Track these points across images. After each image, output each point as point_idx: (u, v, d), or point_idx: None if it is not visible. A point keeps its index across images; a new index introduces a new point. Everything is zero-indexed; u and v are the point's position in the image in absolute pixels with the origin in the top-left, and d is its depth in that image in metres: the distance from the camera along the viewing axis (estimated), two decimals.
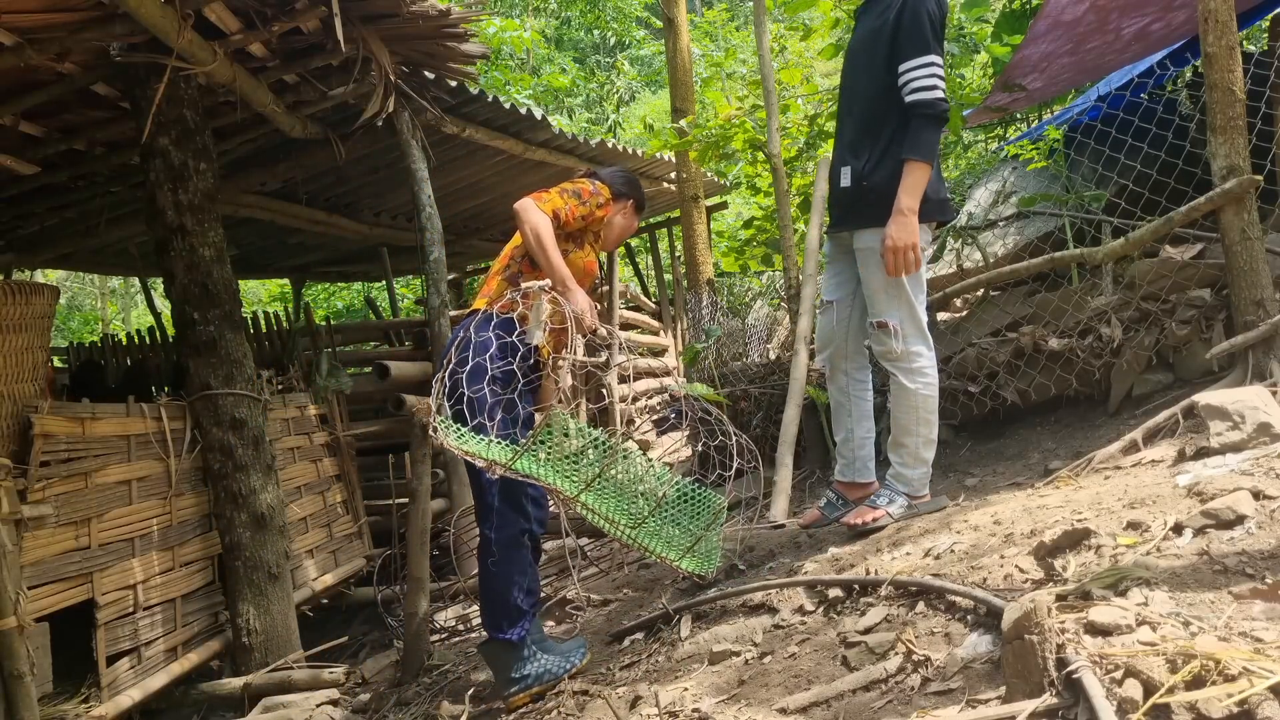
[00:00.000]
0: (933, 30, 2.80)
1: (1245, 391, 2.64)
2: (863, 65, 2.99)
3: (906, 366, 2.88)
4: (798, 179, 6.55)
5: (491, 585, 2.71)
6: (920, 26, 2.79)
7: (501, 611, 2.68)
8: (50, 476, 2.95)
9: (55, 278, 13.28)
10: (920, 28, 2.79)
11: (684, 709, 2.06)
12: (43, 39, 3.23)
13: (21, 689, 2.57)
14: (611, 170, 3.17)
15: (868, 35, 2.97)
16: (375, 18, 3.76)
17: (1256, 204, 3.25)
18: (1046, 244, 5.27)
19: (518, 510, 2.73)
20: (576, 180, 3.01)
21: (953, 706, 1.63)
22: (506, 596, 2.68)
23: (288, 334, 5.50)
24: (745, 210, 12.30)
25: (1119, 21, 4.49)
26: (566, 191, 2.90)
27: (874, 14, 2.97)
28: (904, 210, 2.76)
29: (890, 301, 2.87)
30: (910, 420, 2.91)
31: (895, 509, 2.91)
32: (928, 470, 3.00)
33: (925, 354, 2.90)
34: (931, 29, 2.80)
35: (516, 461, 2.41)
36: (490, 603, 2.72)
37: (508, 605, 2.68)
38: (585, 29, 20.62)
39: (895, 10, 2.85)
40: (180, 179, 3.58)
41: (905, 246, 2.75)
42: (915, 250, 2.76)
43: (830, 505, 3.19)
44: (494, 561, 2.68)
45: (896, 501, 2.94)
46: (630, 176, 3.21)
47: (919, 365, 2.88)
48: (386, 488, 5.07)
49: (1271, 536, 1.80)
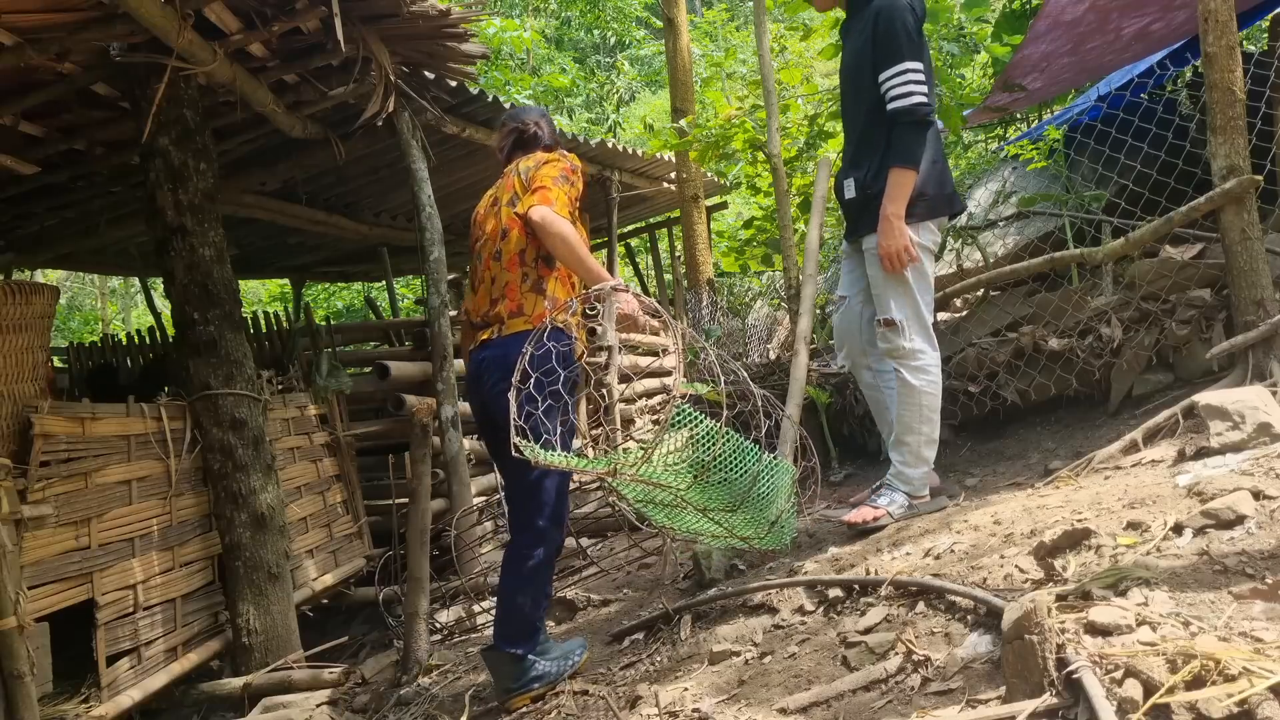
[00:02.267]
0: (907, 37, 2.85)
1: (1245, 391, 2.64)
2: (852, 86, 3.09)
3: (911, 364, 2.93)
4: (798, 179, 6.54)
5: (516, 600, 2.66)
6: (894, 36, 2.86)
7: (519, 628, 2.64)
8: (50, 476, 2.95)
9: (55, 278, 13.28)
10: (894, 38, 2.86)
11: (684, 709, 2.06)
12: (43, 39, 3.23)
13: (21, 689, 2.57)
14: (551, 128, 3.06)
15: (852, 57, 3.07)
16: (375, 18, 3.76)
17: (1256, 204, 3.25)
18: (1046, 244, 5.27)
19: (560, 528, 2.72)
20: (550, 163, 2.84)
21: (953, 706, 1.63)
22: (530, 614, 2.65)
23: (288, 334, 5.50)
24: (745, 210, 12.30)
25: (1119, 21, 4.49)
26: (559, 182, 2.77)
27: (855, 34, 3.06)
28: (888, 216, 2.87)
29: (896, 300, 2.94)
30: (913, 418, 2.95)
31: (896, 509, 2.93)
32: (929, 470, 3.03)
33: (929, 353, 2.95)
34: (906, 36, 2.85)
35: (635, 468, 2.34)
36: (511, 616, 2.66)
37: (527, 623, 2.65)
38: (585, 29, 20.61)
39: (871, 25, 2.92)
40: (180, 179, 3.58)
41: (894, 250, 2.87)
42: (906, 250, 2.86)
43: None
44: (530, 580, 2.66)
45: (897, 501, 2.95)
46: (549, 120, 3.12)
47: (923, 363, 2.93)
48: (386, 488, 5.07)
49: (1271, 536, 1.80)
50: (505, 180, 2.91)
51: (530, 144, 2.99)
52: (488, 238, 2.88)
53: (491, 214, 2.91)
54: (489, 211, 2.93)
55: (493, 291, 2.82)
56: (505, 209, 2.84)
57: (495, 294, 2.82)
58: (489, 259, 2.85)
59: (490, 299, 2.83)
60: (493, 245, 2.85)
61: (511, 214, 2.81)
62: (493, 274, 2.83)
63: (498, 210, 2.88)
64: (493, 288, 2.83)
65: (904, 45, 2.84)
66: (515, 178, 2.86)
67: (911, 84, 2.82)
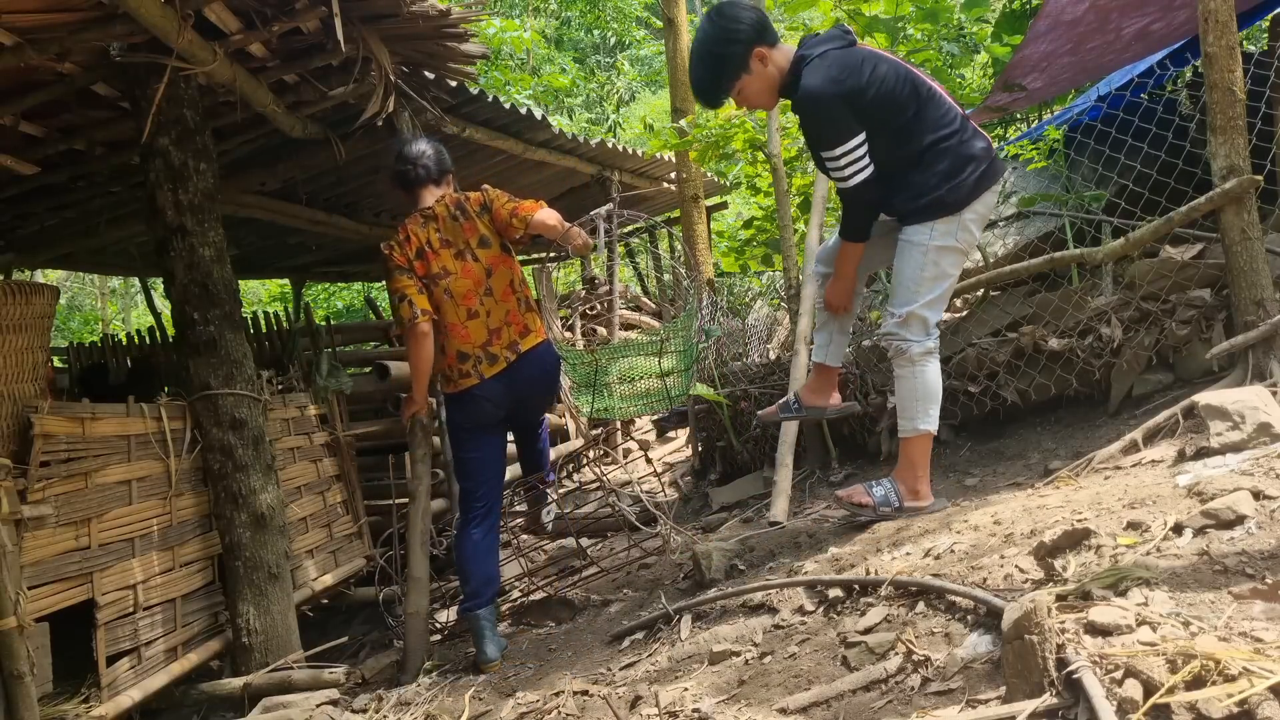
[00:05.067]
0: (829, 122, 2.78)
1: (1245, 391, 2.64)
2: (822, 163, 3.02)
3: (912, 356, 2.93)
4: (798, 179, 6.53)
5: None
6: (816, 127, 2.85)
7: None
8: (50, 476, 2.95)
9: (55, 278, 13.28)
10: (816, 129, 2.85)
11: (684, 709, 2.06)
12: (43, 39, 3.23)
13: (21, 689, 2.57)
14: (438, 156, 3.56)
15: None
16: (375, 18, 3.76)
17: (1256, 204, 3.25)
18: (1046, 244, 5.27)
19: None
20: (496, 196, 3.42)
21: (953, 706, 1.63)
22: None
23: (288, 334, 5.49)
24: (745, 210, 12.29)
25: (1119, 21, 4.48)
26: (514, 197, 3.43)
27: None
28: (839, 275, 3.06)
29: (912, 294, 2.91)
30: (913, 407, 2.96)
31: (883, 506, 2.94)
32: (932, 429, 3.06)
33: (930, 345, 2.95)
34: (828, 122, 2.79)
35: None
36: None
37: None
38: (585, 29, 20.60)
39: (800, 115, 2.93)
40: (180, 179, 3.58)
41: (830, 297, 3.11)
42: (842, 303, 3.12)
43: (786, 407, 3.44)
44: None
45: (889, 499, 2.95)
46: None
47: (922, 352, 2.93)
48: (386, 488, 5.06)
49: (1271, 536, 1.80)
50: (446, 226, 3.37)
51: (423, 181, 3.45)
52: (472, 282, 3.35)
53: (462, 260, 3.36)
54: (453, 255, 3.36)
55: (489, 323, 3.35)
56: (480, 251, 3.36)
57: (493, 325, 3.36)
58: (476, 298, 3.35)
59: (488, 330, 3.35)
60: (480, 286, 3.35)
61: (492, 254, 3.36)
62: (486, 309, 3.35)
63: (467, 254, 3.36)
64: (489, 319, 3.35)
65: (826, 133, 2.80)
66: (469, 223, 3.36)
67: (846, 165, 2.79)
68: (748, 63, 2.81)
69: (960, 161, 2.84)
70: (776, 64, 2.85)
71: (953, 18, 6.50)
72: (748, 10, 2.83)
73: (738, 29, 2.79)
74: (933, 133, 2.83)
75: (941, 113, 2.85)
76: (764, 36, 2.81)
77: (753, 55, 2.80)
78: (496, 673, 3.09)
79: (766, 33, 2.82)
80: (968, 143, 2.86)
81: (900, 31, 5.59)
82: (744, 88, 2.88)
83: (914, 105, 2.82)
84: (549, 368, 3.48)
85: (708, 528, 4.26)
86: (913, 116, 2.82)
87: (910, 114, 2.82)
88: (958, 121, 2.88)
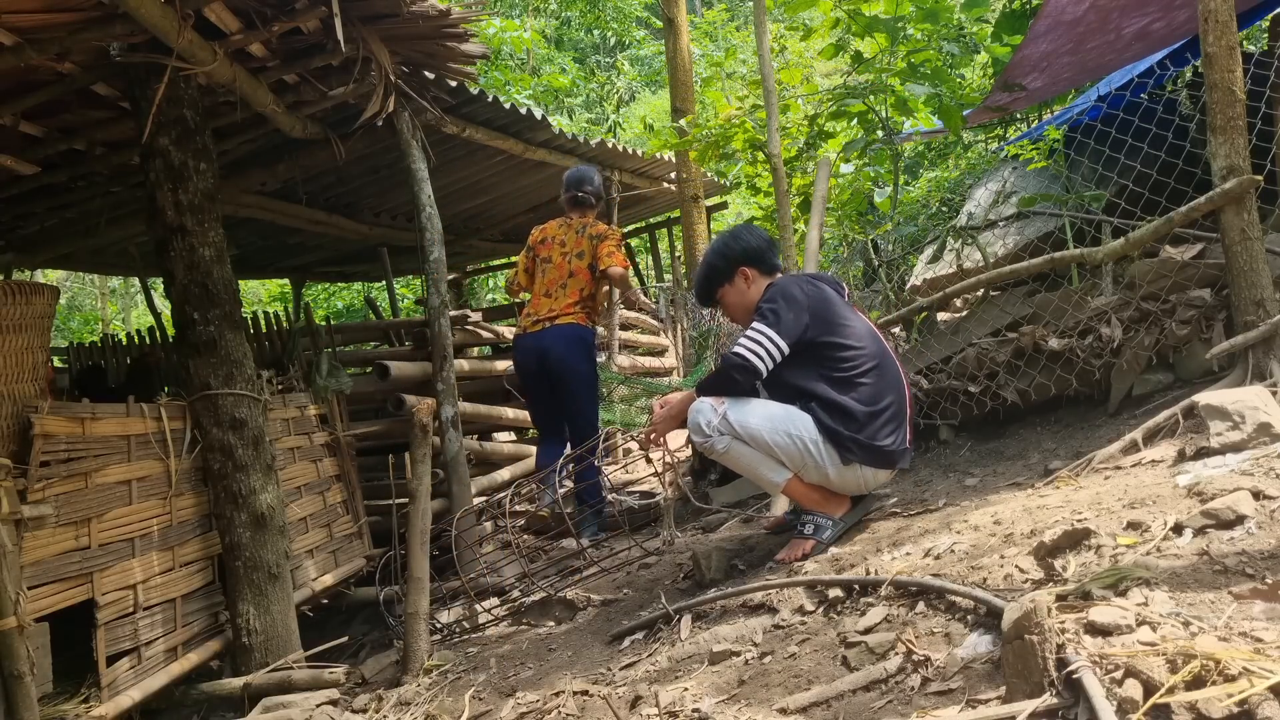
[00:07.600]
0: (785, 301, 2.96)
1: (1245, 391, 2.64)
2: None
3: (721, 451, 2.96)
4: (798, 179, 6.54)
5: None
6: (770, 299, 3.01)
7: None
8: (50, 476, 2.95)
9: (55, 278, 13.29)
10: (769, 299, 3.01)
11: (684, 709, 2.06)
12: (43, 39, 3.23)
13: (21, 689, 2.57)
14: (596, 189, 4.98)
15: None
16: (375, 18, 3.76)
17: (1256, 204, 3.24)
18: (1046, 244, 5.27)
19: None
20: (610, 238, 4.74)
21: (953, 706, 1.63)
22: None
23: (288, 334, 5.49)
24: (745, 210, 12.30)
25: (1120, 21, 4.49)
26: (620, 246, 4.81)
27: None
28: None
29: (745, 419, 2.94)
30: (761, 475, 2.98)
31: (825, 535, 2.92)
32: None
33: (725, 432, 2.94)
34: (785, 300, 2.96)
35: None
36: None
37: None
38: (585, 29, 20.61)
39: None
40: (180, 179, 3.58)
41: (657, 423, 3.13)
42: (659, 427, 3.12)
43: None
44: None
45: (823, 528, 2.94)
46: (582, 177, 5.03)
47: (723, 446, 2.94)
48: (386, 488, 5.06)
49: (1271, 536, 1.80)
50: (571, 233, 4.78)
51: (584, 205, 4.88)
52: (555, 269, 4.73)
53: (562, 255, 4.75)
54: (561, 252, 4.76)
55: (553, 304, 4.70)
56: (575, 260, 4.72)
57: (554, 306, 4.70)
58: (554, 284, 4.72)
59: (549, 307, 4.70)
60: (561, 277, 4.72)
61: (581, 265, 4.71)
62: (555, 295, 4.71)
63: (570, 257, 4.73)
64: (554, 302, 4.70)
65: (766, 306, 3.01)
66: (584, 240, 4.74)
67: (752, 347, 2.97)
68: (732, 276, 3.21)
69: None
70: (758, 287, 3.17)
71: (953, 18, 6.51)
72: (754, 238, 3.24)
73: (732, 246, 3.21)
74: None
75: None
76: (753, 260, 3.18)
77: (737, 272, 3.19)
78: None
79: (760, 260, 3.18)
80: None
81: (900, 32, 5.58)
82: (723, 296, 3.27)
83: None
84: (568, 339, 4.61)
85: (708, 528, 4.26)
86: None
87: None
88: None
